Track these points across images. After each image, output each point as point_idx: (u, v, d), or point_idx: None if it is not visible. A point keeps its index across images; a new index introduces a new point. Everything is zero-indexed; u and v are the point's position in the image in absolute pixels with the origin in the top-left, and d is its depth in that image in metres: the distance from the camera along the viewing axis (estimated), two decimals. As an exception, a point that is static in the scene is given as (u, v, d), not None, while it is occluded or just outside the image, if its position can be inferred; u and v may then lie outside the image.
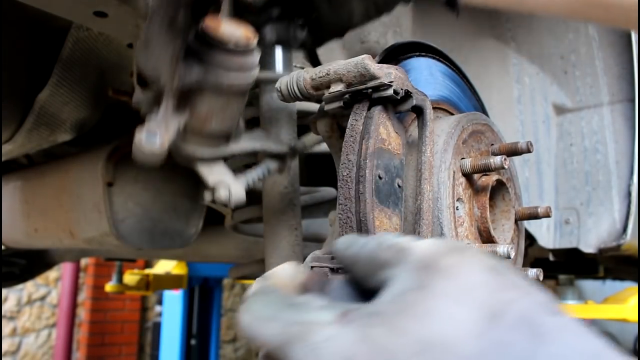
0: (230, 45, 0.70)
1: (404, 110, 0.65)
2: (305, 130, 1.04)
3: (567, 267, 2.31)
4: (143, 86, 0.75)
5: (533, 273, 0.70)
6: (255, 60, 0.75)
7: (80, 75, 1.29)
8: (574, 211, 1.52)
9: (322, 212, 1.35)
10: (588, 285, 4.96)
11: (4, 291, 4.94)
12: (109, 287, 3.77)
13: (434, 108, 0.71)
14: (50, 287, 5.28)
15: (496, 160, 0.67)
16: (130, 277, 3.83)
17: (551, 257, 1.67)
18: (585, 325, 0.33)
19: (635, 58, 1.45)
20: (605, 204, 1.48)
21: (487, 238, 0.71)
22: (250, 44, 0.72)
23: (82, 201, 1.52)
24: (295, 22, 0.84)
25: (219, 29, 0.69)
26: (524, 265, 0.81)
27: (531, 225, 1.46)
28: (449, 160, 0.67)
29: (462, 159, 0.69)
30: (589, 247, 1.48)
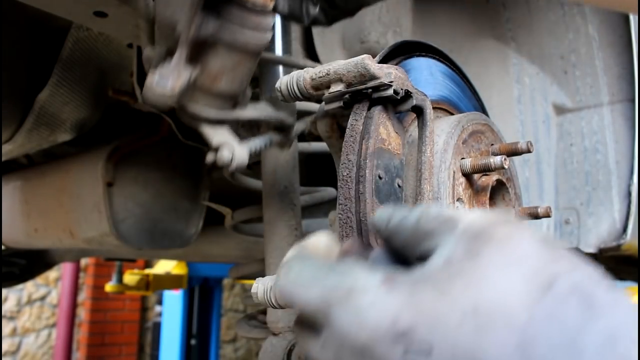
0: (248, 4, 0.72)
1: (404, 110, 0.65)
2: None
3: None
4: (153, 43, 0.76)
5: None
6: (270, 22, 0.76)
7: (80, 75, 1.29)
8: (574, 211, 1.52)
9: (322, 212, 1.35)
10: (588, 285, 4.95)
11: (4, 291, 4.94)
12: (109, 287, 3.77)
13: (434, 108, 0.71)
14: (50, 287, 5.28)
15: (496, 160, 0.67)
16: (130, 277, 3.84)
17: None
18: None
19: (635, 58, 1.45)
20: (605, 204, 1.48)
21: (487, 238, 0.71)
22: (267, 4, 0.73)
23: (82, 201, 1.52)
24: None
25: None
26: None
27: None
28: (449, 160, 0.67)
29: (462, 159, 0.69)
30: (589, 247, 1.48)
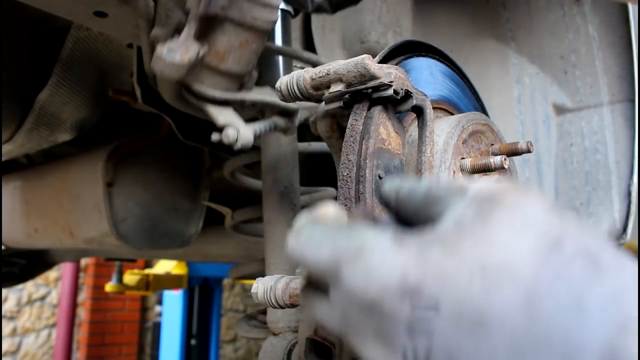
0: None
1: (404, 110, 0.65)
2: (306, 130, 1.04)
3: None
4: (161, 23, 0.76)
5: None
6: (278, 1, 0.76)
7: (81, 75, 1.29)
8: (574, 211, 1.52)
9: (322, 212, 1.34)
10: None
11: (4, 291, 4.94)
12: (109, 287, 3.77)
13: (434, 108, 0.71)
14: (50, 287, 5.28)
15: (496, 160, 0.67)
16: (130, 277, 3.84)
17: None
18: None
19: (635, 58, 1.45)
20: (605, 204, 1.48)
21: (487, 238, 0.71)
22: None
23: (82, 201, 1.52)
24: None
25: None
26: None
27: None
28: (449, 160, 0.67)
29: (462, 159, 0.69)
30: (589, 247, 1.48)
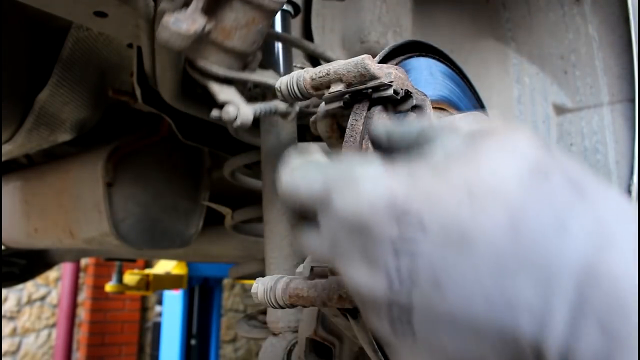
0: None
1: (404, 110, 0.65)
2: (306, 130, 1.04)
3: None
4: None
5: None
6: None
7: (80, 75, 1.29)
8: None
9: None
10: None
11: (4, 291, 4.94)
12: (109, 287, 3.77)
13: (434, 108, 0.71)
14: (50, 287, 5.28)
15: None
16: (130, 277, 3.84)
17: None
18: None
19: (635, 58, 1.45)
20: (605, 204, 1.48)
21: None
22: None
23: (82, 201, 1.52)
24: None
25: None
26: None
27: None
28: (449, 160, 0.67)
29: (462, 159, 0.69)
30: (589, 247, 1.48)
